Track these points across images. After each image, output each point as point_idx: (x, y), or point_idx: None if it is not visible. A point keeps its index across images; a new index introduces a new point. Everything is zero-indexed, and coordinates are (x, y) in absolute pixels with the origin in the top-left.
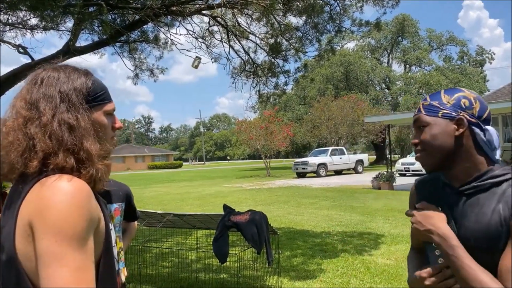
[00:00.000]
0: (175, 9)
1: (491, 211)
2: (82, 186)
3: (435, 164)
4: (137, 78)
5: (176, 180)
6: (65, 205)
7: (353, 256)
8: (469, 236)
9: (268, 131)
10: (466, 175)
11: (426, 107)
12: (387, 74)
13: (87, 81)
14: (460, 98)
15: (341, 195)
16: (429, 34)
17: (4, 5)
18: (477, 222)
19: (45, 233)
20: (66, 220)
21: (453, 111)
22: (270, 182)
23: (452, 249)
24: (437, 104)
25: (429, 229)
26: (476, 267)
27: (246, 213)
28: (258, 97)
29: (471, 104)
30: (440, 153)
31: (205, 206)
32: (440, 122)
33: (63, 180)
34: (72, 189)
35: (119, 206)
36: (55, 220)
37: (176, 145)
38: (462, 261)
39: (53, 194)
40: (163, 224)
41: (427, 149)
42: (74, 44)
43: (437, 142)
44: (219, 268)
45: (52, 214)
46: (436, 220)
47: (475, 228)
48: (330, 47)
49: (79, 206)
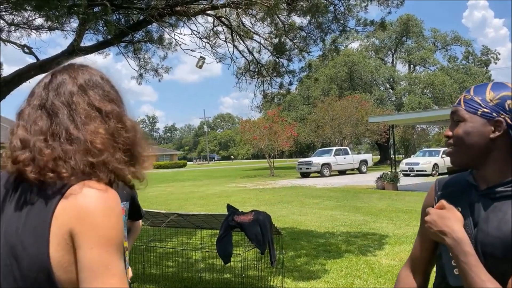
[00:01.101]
0: (180, 9)
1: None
2: (113, 193)
3: (464, 162)
4: (142, 78)
5: (180, 179)
6: (108, 214)
7: (357, 257)
8: (487, 242)
9: (272, 131)
10: (495, 178)
11: (467, 101)
12: (391, 74)
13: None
14: (506, 98)
15: (345, 195)
16: (434, 34)
17: (10, 5)
18: (498, 229)
19: (95, 243)
20: (113, 229)
21: (494, 111)
22: (274, 182)
23: (464, 255)
24: (479, 100)
25: (443, 230)
26: (486, 277)
27: (250, 213)
28: (263, 97)
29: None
30: (471, 152)
31: (209, 206)
32: (477, 120)
33: (96, 188)
34: (108, 197)
35: (124, 205)
36: (104, 230)
37: (180, 145)
38: (472, 270)
39: (95, 203)
40: (167, 224)
41: (458, 145)
42: (79, 44)
43: (470, 140)
44: (223, 268)
45: (99, 223)
46: (452, 222)
47: (495, 234)
48: (335, 47)
49: (118, 214)
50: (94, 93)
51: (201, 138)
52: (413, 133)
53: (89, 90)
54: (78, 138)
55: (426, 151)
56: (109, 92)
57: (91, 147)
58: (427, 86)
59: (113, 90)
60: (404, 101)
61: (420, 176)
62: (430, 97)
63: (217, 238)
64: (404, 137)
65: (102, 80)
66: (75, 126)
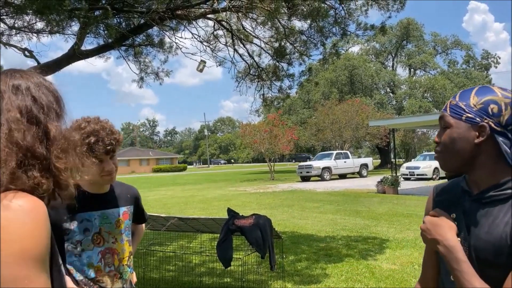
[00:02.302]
0: (180, 13)
1: (504, 223)
2: (39, 205)
3: (452, 168)
4: (142, 81)
5: (181, 183)
6: (27, 226)
7: (357, 261)
8: (479, 248)
9: (272, 135)
10: (486, 183)
11: (452, 107)
12: (391, 78)
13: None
14: (489, 103)
15: (345, 199)
16: (434, 38)
17: (11, 9)
18: (488, 233)
19: (12, 257)
20: (31, 243)
21: (478, 117)
22: (274, 185)
23: (457, 262)
24: (464, 106)
25: (436, 238)
26: (478, 284)
27: (250, 217)
28: (263, 101)
29: (500, 111)
30: (458, 158)
31: (209, 209)
32: (462, 126)
33: (19, 199)
34: (30, 208)
35: (128, 209)
36: (21, 244)
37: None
38: (464, 277)
39: (12, 214)
40: (167, 227)
41: (445, 151)
42: (80, 47)
43: (456, 146)
44: (223, 272)
45: (17, 237)
46: (445, 229)
47: (486, 239)
48: (335, 50)
49: (39, 228)
50: (15, 98)
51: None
52: (414, 137)
53: (6, 95)
54: None
55: (426, 155)
56: (39, 98)
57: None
58: (428, 90)
59: (47, 96)
60: (404, 105)
61: (421, 180)
62: (431, 101)
63: (217, 242)
64: (405, 141)
65: (36, 86)
66: None
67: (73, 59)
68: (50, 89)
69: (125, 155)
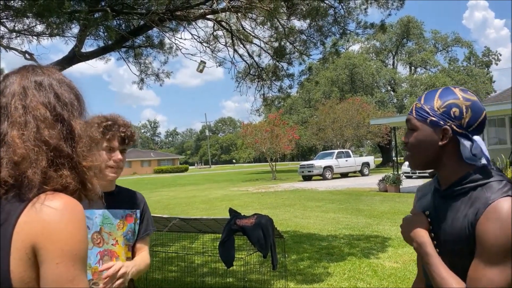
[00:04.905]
0: (180, 14)
1: (463, 215)
2: (76, 204)
3: (420, 166)
4: (142, 82)
5: (182, 184)
6: (74, 227)
7: (360, 260)
8: (446, 240)
9: (274, 134)
10: (450, 179)
11: (417, 110)
12: (392, 76)
13: None
14: (451, 106)
15: (347, 198)
16: (434, 36)
17: (11, 13)
18: (452, 226)
19: (60, 257)
20: (78, 243)
21: (441, 120)
22: (276, 185)
23: (426, 256)
24: (428, 109)
25: (409, 235)
26: (447, 274)
27: (252, 217)
28: (263, 101)
29: (461, 114)
30: (424, 158)
31: (211, 210)
32: (427, 129)
33: (59, 199)
34: (73, 209)
35: (133, 213)
36: (69, 244)
37: (182, 149)
38: (433, 270)
39: (58, 216)
40: (169, 228)
41: (412, 152)
42: (80, 50)
43: (422, 148)
44: (225, 272)
45: (64, 237)
46: (416, 227)
47: (450, 232)
48: (335, 49)
49: (83, 226)
50: (39, 95)
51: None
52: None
53: (30, 92)
54: (7, 143)
55: None
56: (61, 95)
57: (12, 155)
58: (429, 87)
59: (69, 94)
60: (405, 103)
61: (423, 178)
62: None
63: (219, 242)
64: None
65: (58, 83)
66: (5, 130)
67: (73, 62)
68: (71, 86)
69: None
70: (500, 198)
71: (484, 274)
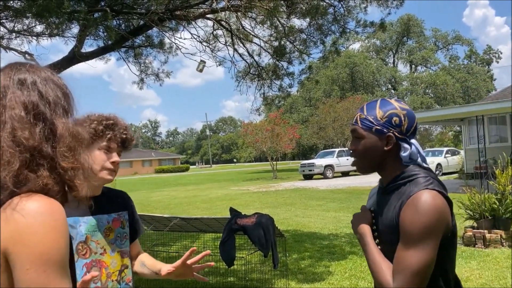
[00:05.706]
0: (179, 14)
1: (393, 208)
2: (55, 206)
3: (366, 169)
4: (143, 82)
5: (183, 183)
6: (46, 230)
7: (361, 258)
8: (382, 230)
9: (274, 133)
10: (389, 178)
11: (362, 120)
12: (392, 74)
13: None
14: (392, 116)
15: (348, 197)
16: (435, 34)
17: (10, 13)
18: (385, 218)
19: (31, 263)
20: (51, 247)
21: (385, 128)
22: (277, 184)
23: (365, 245)
24: (372, 119)
25: (355, 229)
26: (380, 259)
27: (253, 216)
28: (263, 100)
29: (401, 122)
30: (371, 162)
31: (212, 209)
32: (372, 137)
33: (34, 201)
34: (46, 211)
35: (119, 216)
36: (40, 248)
37: (183, 149)
38: (369, 256)
39: (30, 218)
40: (170, 228)
41: (359, 157)
42: (80, 50)
43: (369, 153)
44: (226, 271)
45: (35, 241)
46: (360, 221)
47: (384, 223)
48: (335, 48)
49: (59, 230)
50: (21, 94)
51: (203, 142)
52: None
53: (10, 90)
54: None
55: (429, 151)
56: (45, 93)
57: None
58: (429, 86)
59: (54, 92)
60: (406, 101)
61: None
62: (432, 97)
63: (220, 242)
64: None
65: (43, 81)
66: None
67: (73, 62)
68: (58, 84)
69: (128, 156)
70: (420, 190)
71: (403, 256)
